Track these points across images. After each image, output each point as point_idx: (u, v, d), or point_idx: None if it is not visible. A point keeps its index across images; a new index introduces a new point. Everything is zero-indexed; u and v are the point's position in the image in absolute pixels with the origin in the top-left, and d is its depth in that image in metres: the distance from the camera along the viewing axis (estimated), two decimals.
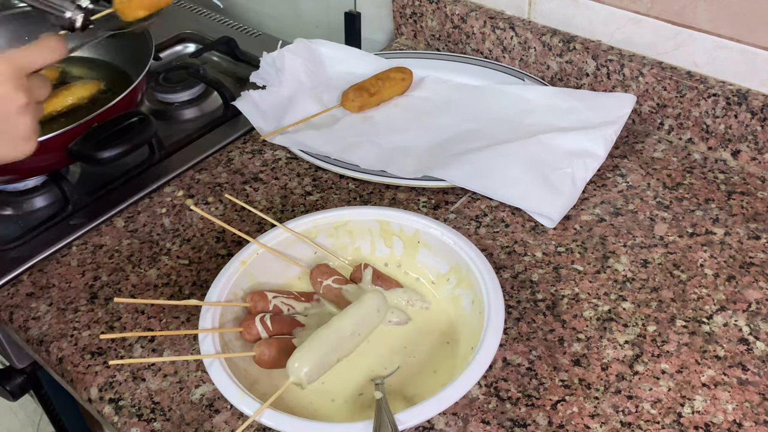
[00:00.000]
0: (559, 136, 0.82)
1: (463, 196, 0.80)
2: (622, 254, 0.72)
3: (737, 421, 0.58)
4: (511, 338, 0.65)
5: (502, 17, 0.95)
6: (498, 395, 0.60)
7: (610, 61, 0.87)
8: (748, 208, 0.77)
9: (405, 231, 0.67)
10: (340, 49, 0.99)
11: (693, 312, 0.66)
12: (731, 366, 0.62)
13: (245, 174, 0.85)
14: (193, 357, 0.61)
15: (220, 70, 1.09)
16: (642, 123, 0.89)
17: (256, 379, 0.58)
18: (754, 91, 0.80)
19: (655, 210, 0.77)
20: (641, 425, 0.58)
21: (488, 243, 0.74)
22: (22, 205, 0.85)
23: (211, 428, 0.59)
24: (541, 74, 0.95)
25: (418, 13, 1.03)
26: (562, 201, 0.76)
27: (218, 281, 0.62)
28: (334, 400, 0.58)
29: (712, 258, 0.72)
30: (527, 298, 0.68)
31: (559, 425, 0.58)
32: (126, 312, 0.69)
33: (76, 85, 0.91)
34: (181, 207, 0.81)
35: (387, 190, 0.82)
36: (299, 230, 0.67)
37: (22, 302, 0.71)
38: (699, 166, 0.83)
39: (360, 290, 0.64)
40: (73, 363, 0.65)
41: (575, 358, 0.63)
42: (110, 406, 0.61)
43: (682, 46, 0.83)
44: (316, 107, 0.92)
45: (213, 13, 1.24)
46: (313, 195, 0.82)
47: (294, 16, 1.26)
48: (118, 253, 0.76)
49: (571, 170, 0.78)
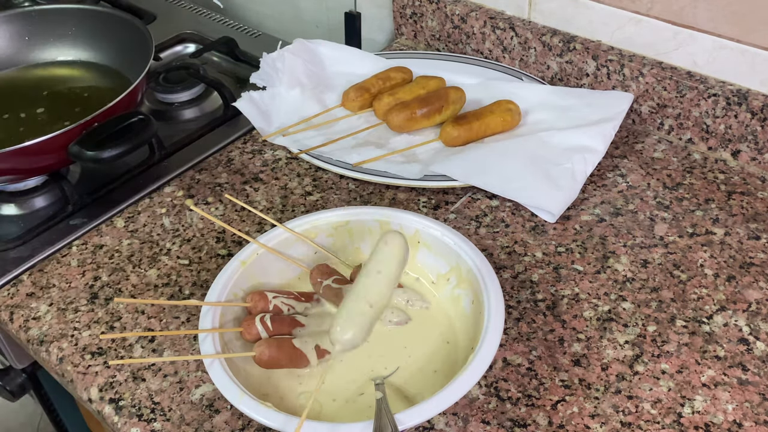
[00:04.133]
0: (558, 134, 0.83)
1: (463, 196, 0.80)
2: (622, 254, 0.72)
3: (737, 421, 0.58)
4: (511, 338, 0.65)
5: (502, 17, 0.95)
6: (498, 395, 0.60)
7: (610, 61, 0.87)
8: (748, 208, 0.77)
9: (405, 231, 0.67)
10: (340, 49, 0.99)
11: (693, 312, 0.66)
12: (731, 366, 0.62)
13: (245, 174, 0.85)
14: (193, 357, 0.61)
15: (220, 71, 1.09)
16: (642, 123, 0.89)
17: (256, 379, 0.58)
18: (754, 91, 0.80)
19: (655, 210, 0.77)
20: (641, 425, 0.58)
21: (488, 243, 0.74)
22: (22, 205, 0.85)
23: (211, 428, 0.59)
24: (541, 74, 0.95)
25: (418, 13, 1.03)
26: (563, 195, 0.76)
27: (218, 281, 0.62)
28: (335, 399, 0.58)
29: (712, 258, 0.72)
30: (527, 298, 0.68)
31: (559, 425, 0.58)
32: (126, 312, 0.69)
33: None
34: (181, 207, 0.81)
35: (387, 190, 0.82)
36: (299, 230, 0.67)
37: (22, 302, 0.71)
38: (699, 166, 0.83)
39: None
40: (73, 363, 0.65)
41: (575, 358, 0.63)
42: (110, 406, 0.61)
43: (682, 46, 0.83)
44: (316, 107, 0.92)
45: (213, 13, 1.24)
46: (313, 195, 0.82)
47: (294, 16, 1.26)
48: (118, 253, 0.76)
49: (571, 165, 0.78)
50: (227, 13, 1.27)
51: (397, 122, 0.86)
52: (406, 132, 0.88)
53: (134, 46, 0.93)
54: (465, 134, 0.83)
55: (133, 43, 0.93)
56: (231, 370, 0.55)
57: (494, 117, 0.84)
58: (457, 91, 0.87)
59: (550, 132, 0.83)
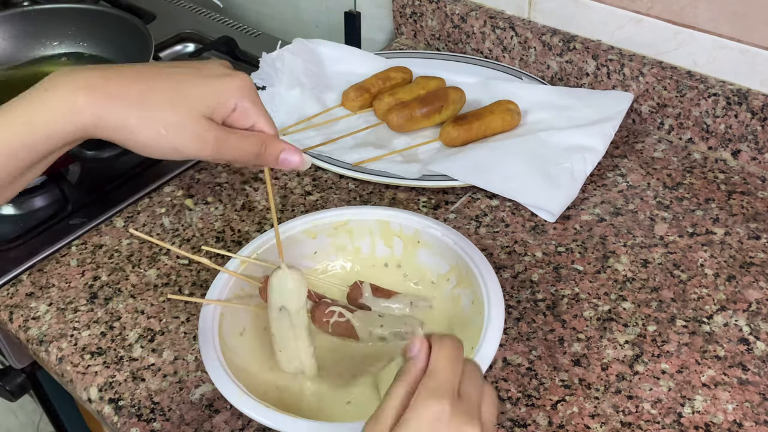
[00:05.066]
0: (557, 133, 0.83)
1: (463, 196, 0.80)
2: (622, 254, 0.72)
3: (737, 421, 0.58)
4: (511, 338, 0.65)
5: (502, 17, 0.95)
6: (498, 395, 0.60)
7: (610, 60, 0.87)
8: (748, 208, 0.77)
9: (405, 231, 0.67)
10: (339, 49, 0.99)
11: (693, 312, 0.66)
12: (731, 366, 0.62)
13: (245, 174, 0.85)
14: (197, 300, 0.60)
15: None
16: (642, 123, 0.89)
17: (255, 379, 0.58)
18: (754, 90, 0.80)
19: (655, 210, 0.77)
20: (641, 425, 0.57)
21: (488, 243, 0.74)
22: (22, 205, 0.85)
23: (211, 428, 0.59)
24: (541, 74, 0.95)
25: (418, 12, 1.03)
26: (562, 195, 0.76)
27: (218, 281, 0.62)
28: (350, 402, 0.58)
29: (712, 258, 0.72)
30: (527, 298, 0.68)
31: (559, 425, 0.58)
32: (126, 312, 0.69)
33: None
34: (180, 207, 0.81)
35: (387, 190, 0.82)
36: (299, 230, 0.67)
37: (22, 302, 0.71)
38: (699, 165, 0.83)
39: (368, 316, 0.63)
40: (73, 363, 0.65)
41: (575, 358, 0.63)
42: (110, 406, 0.61)
43: (683, 46, 0.83)
44: (316, 107, 0.92)
45: (213, 13, 1.24)
46: (313, 195, 0.81)
47: (294, 16, 1.26)
48: (117, 253, 0.76)
49: (570, 165, 0.78)
50: (227, 13, 1.27)
51: (397, 122, 0.86)
52: (406, 132, 0.88)
53: (134, 45, 0.93)
54: (465, 134, 0.83)
55: (133, 43, 0.93)
56: (231, 370, 0.55)
57: (494, 117, 0.84)
58: (457, 91, 0.87)
59: (550, 132, 0.83)
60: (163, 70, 0.49)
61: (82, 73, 0.47)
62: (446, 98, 0.86)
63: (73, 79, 0.46)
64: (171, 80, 0.48)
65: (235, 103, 0.49)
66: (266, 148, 0.50)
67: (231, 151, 0.49)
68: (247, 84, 0.50)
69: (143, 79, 0.48)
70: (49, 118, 0.45)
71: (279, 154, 0.51)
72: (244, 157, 0.50)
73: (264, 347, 0.61)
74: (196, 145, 0.48)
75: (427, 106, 0.86)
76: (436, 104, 0.86)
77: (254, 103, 0.50)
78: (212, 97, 0.48)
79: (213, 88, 0.48)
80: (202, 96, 0.48)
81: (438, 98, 0.86)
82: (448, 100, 0.86)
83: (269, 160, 0.51)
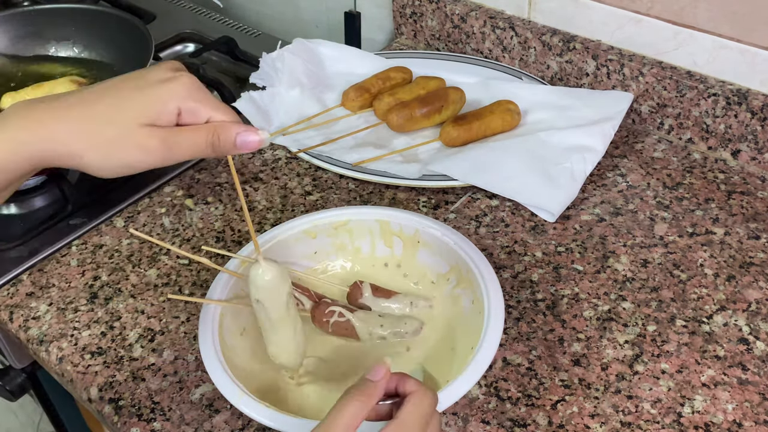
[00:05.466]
0: (557, 133, 0.83)
1: (463, 196, 0.80)
2: (622, 254, 0.72)
3: (737, 421, 0.58)
4: (511, 338, 0.65)
5: (502, 17, 0.95)
6: (498, 395, 0.60)
7: (610, 60, 0.87)
8: (748, 208, 0.77)
9: (405, 231, 0.67)
10: (339, 49, 0.99)
11: (693, 312, 0.66)
12: (731, 366, 0.62)
13: (245, 174, 0.85)
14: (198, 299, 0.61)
15: (219, 70, 1.09)
16: (642, 123, 0.89)
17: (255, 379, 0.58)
18: (754, 90, 0.80)
19: (655, 210, 0.77)
20: (641, 425, 0.58)
21: (488, 243, 0.74)
22: (22, 205, 0.85)
23: (211, 428, 0.59)
24: (541, 74, 0.95)
25: (418, 12, 1.03)
26: (562, 195, 0.76)
27: (218, 281, 0.62)
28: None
29: (712, 258, 0.72)
30: (527, 297, 0.68)
31: (559, 425, 0.58)
32: (126, 312, 0.69)
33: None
34: (181, 207, 0.81)
35: (387, 190, 0.82)
36: (299, 230, 0.67)
37: (22, 302, 0.71)
38: (699, 165, 0.83)
39: (368, 316, 0.63)
40: (73, 363, 0.65)
41: (575, 358, 0.63)
42: (110, 406, 0.61)
43: (682, 46, 0.83)
44: (316, 107, 0.92)
45: (213, 13, 1.24)
46: (313, 195, 0.81)
47: (294, 16, 1.26)
48: (118, 252, 0.76)
49: (570, 165, 0.78)
50: (227, 13, 1.27)
51: (397, 122, 0.86)
52: (406, 132, 0.88)
53: (134, 45, 0.93)
54: (465, 134, 0.83)
55: (133, 43, 0.93)
56: (231, 370, 0.55)
57: (494, 117, 0.84)
58: (456, 91, 0.87)
59: (550, 132, 0.83)
60: (107, 88, 0.49)
61: (29, 110, 0.48)
62: (446, 98, 0.86)
63: (22, 117, 0.47)
64: (109, 97, 0.48)
65: (177, 106, 0.48)
66: (219, 136, 0.49)
67: (183, 149, 0.49)
68: (190, 84, 0.49)
69: (83, 103, 0.48)
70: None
71: (235, 139, 0.49)
72: (199, 151, 0.49)
73: (264, 347, 0.61)
74: (142, 154, 0.47)
75: (427, 106, 0.86)
76: (436, 104, 0.86)
77: (201, 101, 0.49)
78: (150, 105, 0.48)
79: (150, 97, 0.48)
80: (140, 106, 0.48)
81: (438, 98, 0.86)
82: (448, 100, 0.86)
83: (227, 146, 0.49)
